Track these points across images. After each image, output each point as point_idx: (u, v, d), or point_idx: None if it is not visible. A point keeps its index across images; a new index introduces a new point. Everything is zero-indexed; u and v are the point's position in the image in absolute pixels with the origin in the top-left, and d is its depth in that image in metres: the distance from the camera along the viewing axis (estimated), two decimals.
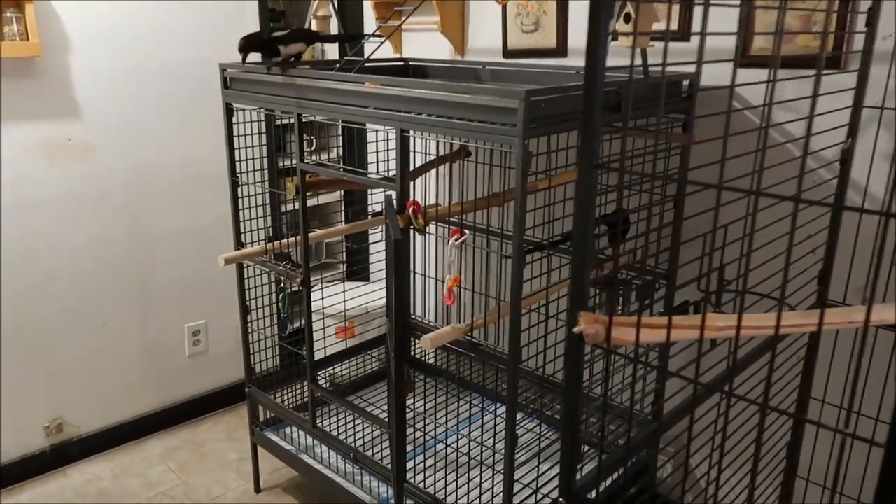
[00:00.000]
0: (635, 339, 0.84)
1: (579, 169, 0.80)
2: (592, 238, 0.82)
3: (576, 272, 0.84)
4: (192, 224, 2.81)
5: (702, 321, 0.81)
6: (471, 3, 2.52)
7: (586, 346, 0.86)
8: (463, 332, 1.66)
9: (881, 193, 1.60)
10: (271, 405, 2.42)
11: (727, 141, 0.82)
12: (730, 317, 0.85)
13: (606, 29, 0.74)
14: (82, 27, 2.40)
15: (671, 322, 0.83)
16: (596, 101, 0.75)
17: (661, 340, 0.87)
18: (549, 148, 1.65)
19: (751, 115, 1.80)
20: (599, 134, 0.78)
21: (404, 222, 1.72)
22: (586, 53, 0.75)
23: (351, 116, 1.84)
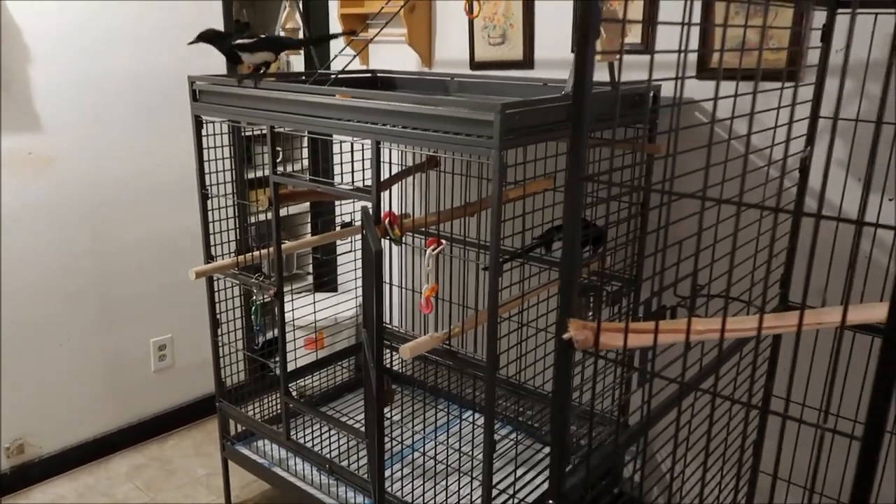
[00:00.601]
0: (623, 343, 0.88)
1: (567, 181, 0.84)
2: (580, 248, 0.86)
3: (564, 280, 0.87)
4: (156, 236, 2.77)
5: (687, 326, 0.85)
6: (438, 15, 2.56)
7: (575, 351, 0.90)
8: (441, 341, 1.68)
9: (837, 199, 1.68)
10: (243, 419, 2.39)
11: (704, 153, 0.87)
12: (712, 321, 0.90)
13: (594, 48, 0.77)
14: (43, 38, 2.35)
15: (658, 327, 0.87)
16: (584, 117, 0.78)
17: (648, 344, 0.91)
18: (525, 158, 1.69)
19: (716, 127, 1.87)
20: (586, 148, 0.82)
21: (380, 233, 1.74)
22: (574, 72, 0.79)
23: (325, 129, 1.85)
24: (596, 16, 0.78)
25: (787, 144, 1.10)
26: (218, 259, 2.30)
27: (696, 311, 1.26)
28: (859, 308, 0.92)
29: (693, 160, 1.29)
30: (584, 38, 0.78)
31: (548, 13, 2.25)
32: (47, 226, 2.47)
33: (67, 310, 2.58)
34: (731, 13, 1.93)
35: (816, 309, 0.95)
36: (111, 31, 2.50)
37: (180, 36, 2.66)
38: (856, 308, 0.91)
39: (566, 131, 1.70)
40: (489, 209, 1.56)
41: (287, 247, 2.23)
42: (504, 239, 2.07)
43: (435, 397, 2.60)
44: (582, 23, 0.78)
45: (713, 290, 1.36)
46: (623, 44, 1.48)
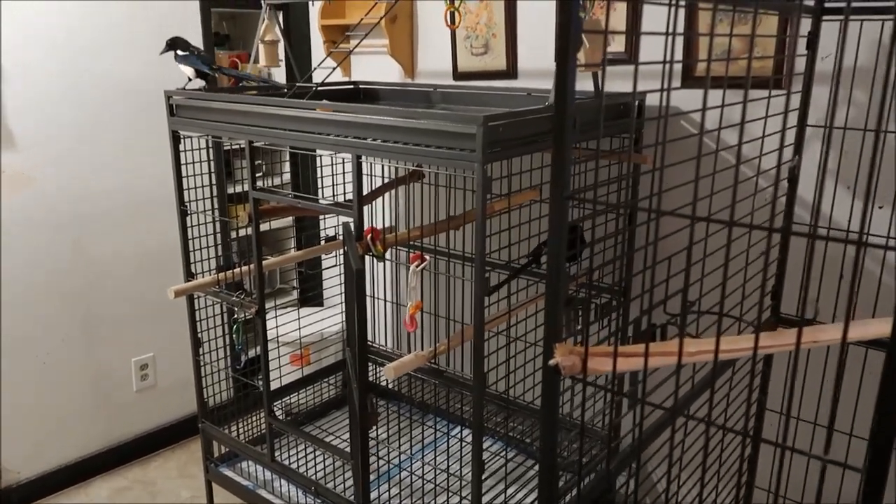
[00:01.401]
0: (612, 368, 0.84)
1: (552, 201, 0.80)
2: (566, 270, 0.82)
3: (550, 303, 0.84)
4: (137, 253, 2.71)
5: (679, 348, 0.81)
6: (420, 25, 2.53)
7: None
8: (426, 359, 1.63)
9: (826, 208, 1.65)
10: (227, 440, 2.34)
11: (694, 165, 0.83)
12: (705, 341, 0.86)
13: (575, 61, 0.74)
14: (16, 53, 2.30)
15: (648, 350, 0.83)
16: (566, 135, 0.75)
17: (638, 368, 0.87)
18: (510, 171, 1.65)
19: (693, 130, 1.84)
20: (570, 166, 0.78)
21: (363, 249, 1.70)
22: (555, 86, 0.75)
23: (304, 143, 1.81)
24: (576, 26, 0.75)
25: (779, 154, 1.07)
26: (199, 276, 2.25)
27: (687, 328, 1.23)
28: (859, 324, 0.89)
29: (681, 171, 1.25)
30: (565, 50, 0.74)
31: (531, 22, 2.22)
32: (24, 244, 2.41)
33: (46, 329, 2.52)
34: (715, 21, 1.90)
35: (814, 326, 0.91)
36: (88, 45, 2.45)
37: (157, 50, 2.63)
38: (856, 325, 0.88)
39: (550, 143, 1.66)
40: (474, 222, 1.52)
41: (269, 263, 2.17)
42: (491, 253, 2.03)
43: (423, 413, 2.55)
44: (562, 34, 0.75)
45: (704, 304, 1.33)
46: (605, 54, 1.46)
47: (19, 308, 2.44)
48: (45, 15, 2.34)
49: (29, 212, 2.41)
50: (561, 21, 0.74)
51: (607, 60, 2.00)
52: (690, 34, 1.85)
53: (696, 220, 0.76)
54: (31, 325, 2.48)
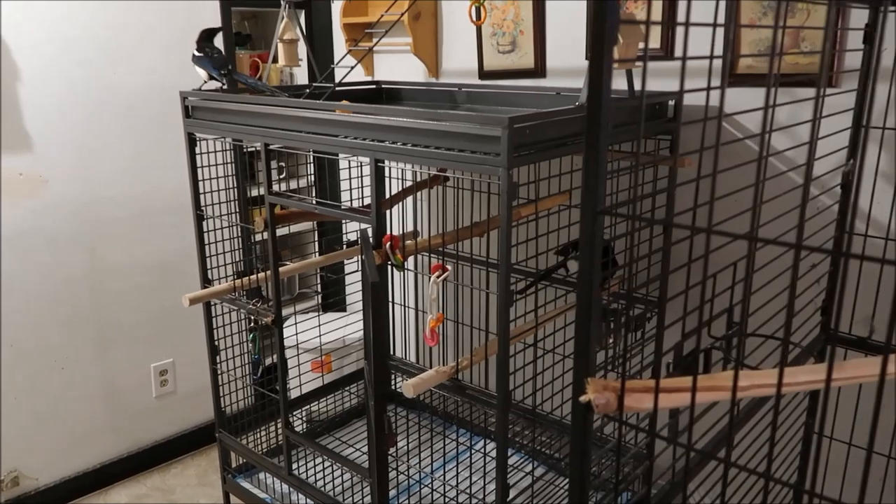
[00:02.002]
0: (653, 406, 0.74)
1: (583, 216, 0.70)
2: (600, 297, 0.72)
3: (580, 334, 0.74)
4: (156, 258, 2.66)
5: (734, 382, 0.71)
6: (444, 23, 2.44)
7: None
8: (448, 376, 1.54)
9: (883, 216, 1.52)
10: (244, 451, 2.27)
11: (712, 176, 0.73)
12: (762, 374, 0.75)
13: (611, 59, 0.64)
14: (33, 56, 2.25)
15: (696, 385, 0.73)
16: (601, 142, 0.65)
17: (682, 405, 0.76)
18: (538, 175, 1.55)
19: (738, 134, 1.73)
20: (604, 177, 0.68)
21: (381, 258, 1.61)
22: (588, 86, 0.65)
23: (322, 146, 1.73)
24: (613, 18, 0.65)
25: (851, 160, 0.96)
26: (216, 282, 2.19)
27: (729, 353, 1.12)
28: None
29: (724, 178, 1.15)
30: (600, 46, 0.64)
31: (560, 18, 2.12)
32: (41, 248, 2.37)
33: (64, 335, 2.48)
34: (758, 13, 1.78)
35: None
36: (104, 48, 2.40)
37: (176, 51, 2.58)
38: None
39: (581, 145, 1.56)
40: (498, 228, 1.43)
41: (286, 270, 2.10)
42: (518, 263, 1.92)
43: (445, 424, 2.46)
44: (597, 27, 0.65)
45: (745, 321, 1.22)
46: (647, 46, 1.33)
47: (38, 314, 2.40)
48: (64, 18, 2.30)
49: (46, 218, 2.37)
50: (595, 12, 0.64)
51: (641, 57, 1.89)
52: (737, 26, 1.73)
53: (757, 241, 0.66)
54: (49, 331, 2.44)
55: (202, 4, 2.61)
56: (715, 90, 0.77)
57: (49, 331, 2.44)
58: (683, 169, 1.81)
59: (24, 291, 2.36)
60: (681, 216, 0.82)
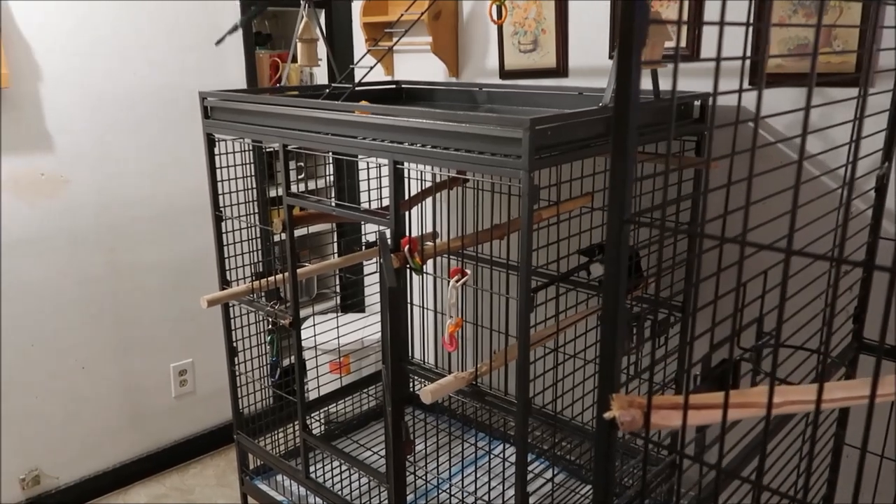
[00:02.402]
0: (682, 423, 0.70)
1: (610, 224, 0.67)
2: (626, 309, 0.69)
3: (605, 348, 0.71)
4: (176, 258, 2.66)
5: (769, 397, 0.67)
6: (465, 22, 2.41)
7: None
8: (466, 381, 1.52)
9: None
10: (261, 454, 2.26)
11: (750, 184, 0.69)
12: (799, 389, 0.72)
13: (639, 69, 0.61)
14: (54, 56, 2.26)
15: (728, 401, 0.69)
16: (629, 147, 0.62)
17: (712, 422, 0.73)
18: (560, 178, 1.52)
19: (769, 137, 1.68)
20: (632, 185, 0.65)
21: (400, 262, 1.59)
22: (616, 94, 0.62)
23: (340, 148, 1.71)
24: (643, 18, 0.62)
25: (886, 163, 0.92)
26: (235, 283, 2.18)
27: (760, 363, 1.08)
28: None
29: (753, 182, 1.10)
30: (628, 46, 0.61)
31: (582, 17, 2.08)
32: (61, 249, 2.38)
33: (84, 334, 2.49)
34: (787, 11, 1.73)
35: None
36: (125, 49, 2.41)
37: (196, 52, 2.58)
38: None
39: (605, 147, 1.52)
40: (519, 231, 1.40)
41: (305, 271, 2.09)
42: (538, 267, 1.89)
43: (463, 427, 2.44)
44: (624, 30, 0.62)
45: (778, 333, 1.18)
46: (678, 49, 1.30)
47: (59, 314, 2.41)
48: (85, 19, 2.30)
49: (66, 217, 2.38)
50: (623, 12, 0.61)
51: (666, 56, 1.85)
52: (766, 25, 1.68)
53: (792, 255, 0.62)
54: (70, 330, 2.45)
55: (222, 4, 2.61)
56: (750, 92, 0.73)
57: (70, 331, 2.45)
58: (710, 171, 1.76)
59: (45, 291, 2.37)
60: (711, 224, 0.78)
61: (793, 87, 1.69)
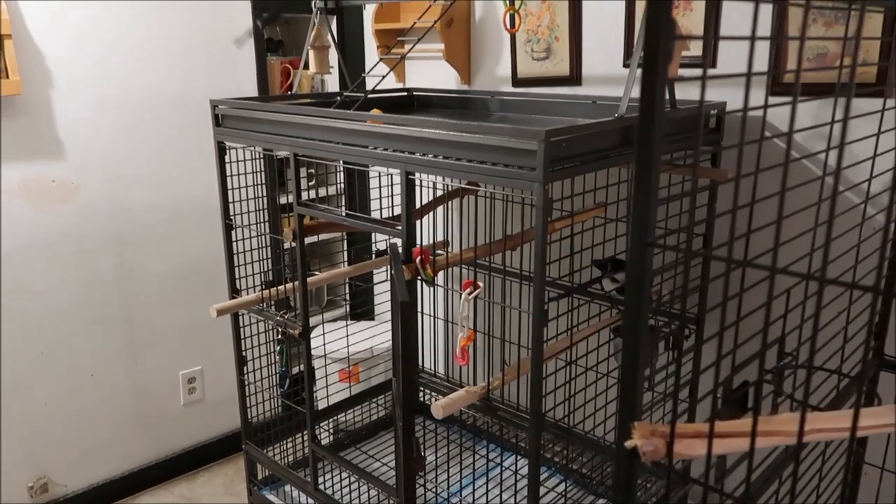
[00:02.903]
0: (707, 453, 0.68)
1: (632, 248, 0.65)
2: (648, 334, 0.66)
3: (626, 372, 0.68)
4: (186, 265, 2.65)
5: (800, 424, 0.65)
6: (477, 29, 2.39)
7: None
8: (479, 396, 1.49)
9: None
10: (270, 464, 2.24)
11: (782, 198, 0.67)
12: (829, 416, 0.69)
13: (665, 77, 0.58)
14: (66, 63, 2.26)
15: (756, 429, 0.67)
16: (653, 171, 0.59)
17: (738, 451, 0.71)
18: (573, 191, 1.50)
19: (801, 156, 1.64)
20: (655, 207, 0.63)
21: (411, 273, 1.57)
22: (640, 109, 0.60)
23: (352, 157, 1.69)
24: (668, 31, 0.59)
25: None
26: (245, 292, 2.16)
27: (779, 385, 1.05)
28: None
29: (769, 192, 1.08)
30: (653, 63, 0.59)
31: (596, 25, 2.05)
32: (72, 254, 2.38)
33: (93, 341, 2.48)
34: (808, 21, 1.70)
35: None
36: (136, 55, 2.40)
37: (208, 58, 2.57)
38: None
39: (620, 158, 1.50)
40: (532, 241, 1.38)
41: (315, 280, 2.07)
42: (555, 280, 1.86)
43: (474, 438, 2.41)
44: (650, 41, 0.59)
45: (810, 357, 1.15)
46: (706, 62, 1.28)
47: (68, 321, 2.41)
48: (96, 26, 2.30)
49: (76, 223, 2.37)
50: (649, 23, 0.59)
51: (682, 65, 1.82)
52: (787, 38, 1.66)
53: (816, 280, 0.60)
54: (79, 337, 2.44)
55: (233, 11, 2.60)
56: (778, 106, 0.71)
57: (79, 337, 2.44)
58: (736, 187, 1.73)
59: (55, 298, 2.37)
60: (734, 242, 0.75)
61: (813, 99, 1.66)
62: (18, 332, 2.31)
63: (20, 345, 2.32)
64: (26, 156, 2.23)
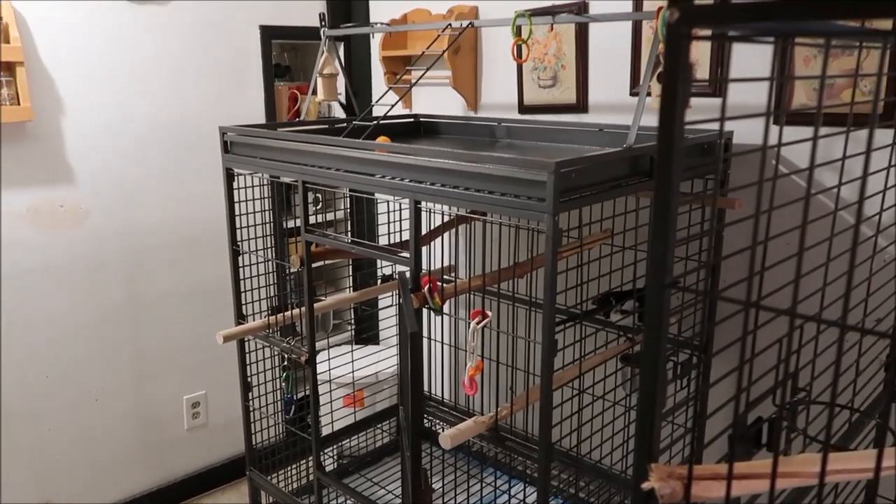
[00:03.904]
0: (726, 496, 0.67)
1: (650, 290, 0.64)
2: (665, 373, 0.66)
3: (644, 413, 0.68)
4: (191, 289, 2.66)
5: (822, 466, 0.64)
6: (484, 56, 2.41)
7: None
8: (487, 426, 1.48)
9: None
10: (274, 492, 2.23)
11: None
12: (851, 456, 0.68)
13: (682, 122, 0.59)
14: (76, 89, 2.28)
15: (776, 470, 0.66)
16: (672, 214, 0.59)
17: (758, 492, 0.70)
18: (580, 221, 1.50)
19: (801, 182, 1.65)
20: (673, 250, 0.63)
21: (419, 301, 1.57)
22: (658, 149, 0.60)
23: (360, 186, 1.70)
24: (685, 75, 0.60)
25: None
26: (251, 317, 2.16)
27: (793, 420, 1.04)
28: None
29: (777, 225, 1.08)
30: (671, 106, 0.59)
31: (602, 53, 2.07)
32: (79, 279, 2.38)
33: (99, 365, 2.48)
34: (812, 51, 1.72)
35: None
36: (145, 81, 2.42)
37: (214, 83, 2.59)
38: None
39: (629, 188, 1.50)
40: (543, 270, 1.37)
41: (322, 305, 2.07)
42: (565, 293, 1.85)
43: (482, 466, 2.39)
44: (669, 85, 0.60)
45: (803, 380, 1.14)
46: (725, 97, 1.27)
47: (74, 345, 2.41)
48: (104, 48, 2.32)
49: (83, 248, 2.38)
50: (668, 67, 0.59)
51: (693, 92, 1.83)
52: (791, 77, 1.67)
53: (848, 330, 0.59)
54: (85, 361, 2.44)
55: (242, 36, 2.63)
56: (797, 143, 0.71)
57: (85, 361, 2.44)
58: (734, 211, 1.74)
59: (62, 322, 2.36)
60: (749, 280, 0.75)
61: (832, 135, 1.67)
62: (25, 357, 2.31)
63: (27, 369, 2.32)
64: (36, 181, 2.25)
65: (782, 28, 0.60)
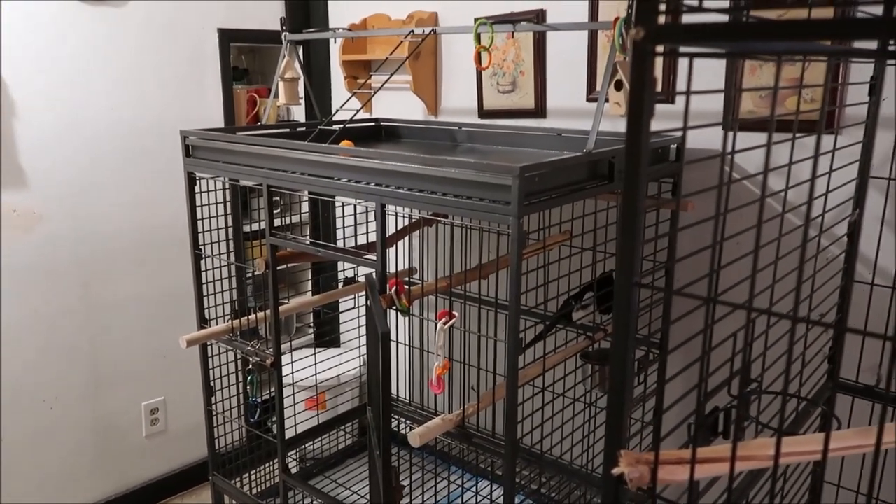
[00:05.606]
0: (689, 478, 0.72)
1: (618, 289, 0.69)
2: (633, 365, 0.71)
3: (613, 406, 0.72)
4: (149, 294, 2.62)
5: (776, 449, 0.70)
6: (444, 61, 2.45)
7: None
8: (454, 424, 1.52)
9: (889, 264, 1.53)
10: (238, 495, 2.22)
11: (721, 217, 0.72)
12: (803, 440, 0.74)
13: (648, 135, 0.63)
14: (29, 91, 2.23)
15: (735, 454, 0.71)
16: (638, 217, 0.64)
17: (719, 474, 0.75)
18: (541, 223, 1.55)
19: (749, 185, 1.73)
20: (641, 250, 0.67)
21: (386, 303, 1.59)
22: (626, 156, 0.65)
23: (326, 189, 1.72)
24: (650, 95, 0.65)
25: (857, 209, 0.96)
26: (213, 322, 2.15)
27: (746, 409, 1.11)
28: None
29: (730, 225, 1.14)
30: (637, 119, 0.64)
31: (560, 60, 2.13)
32: (34, 285, 2.33)
33: (53, 374, 2.43)
34: (756, 65, 1.81)
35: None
36: (100, 83, 2.39)
37: (173, 84, 2.57)
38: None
39: (590, 191, 1.56)
40: (506, 269, 1.42)
41: (286, 309, 2.08)
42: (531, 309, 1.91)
43: (448, 465, 2.43)
44: (635, 100, 0.65)
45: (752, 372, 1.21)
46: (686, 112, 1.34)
47: (27, 352, 2.35)
48: (58, 50, 2.28)
49: (38, 253, 2.33)
50: (634, 81, 0.64)
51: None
52: (743, 90, 1.75)
53: (798, 322, 0.65)
54: (38, 369, 2.39)
55: (202, 40, 2.61)
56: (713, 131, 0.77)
57: (40, 368, 2.39)
58: (686, 213, 1.82)
59: (16, 328, 2.31)
60: (704, 278, 0.81)
61: (763, 133, 1.76)
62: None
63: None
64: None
65: (738, 47, 0.65)
